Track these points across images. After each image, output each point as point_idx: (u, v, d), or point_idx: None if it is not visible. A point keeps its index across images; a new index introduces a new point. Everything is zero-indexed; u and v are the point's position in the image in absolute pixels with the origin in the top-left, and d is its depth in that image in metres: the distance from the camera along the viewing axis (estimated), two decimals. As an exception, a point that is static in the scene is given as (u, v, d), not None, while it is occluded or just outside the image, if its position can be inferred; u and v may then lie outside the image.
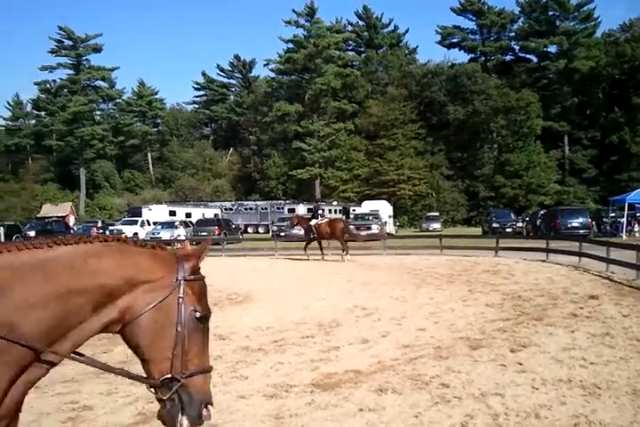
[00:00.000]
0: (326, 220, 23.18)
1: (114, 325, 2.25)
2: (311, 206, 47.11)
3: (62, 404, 5.13)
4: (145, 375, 2.30)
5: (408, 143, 61.33)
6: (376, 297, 10.97)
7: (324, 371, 6.04)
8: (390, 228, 39.28)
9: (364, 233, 29.42)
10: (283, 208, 48.27)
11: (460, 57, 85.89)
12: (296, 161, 64.46)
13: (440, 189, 60.14)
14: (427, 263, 17.67)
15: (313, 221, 22.70)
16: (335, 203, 53.13)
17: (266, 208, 50.87)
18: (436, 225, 45.25)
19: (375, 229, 33.31)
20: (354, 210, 46.75)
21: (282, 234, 34.30)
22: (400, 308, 9.78)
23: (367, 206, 42.34)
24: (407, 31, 74.71)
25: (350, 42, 72.25)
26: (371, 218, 36.10)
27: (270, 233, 40.13)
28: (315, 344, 7.30)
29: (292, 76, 68.50)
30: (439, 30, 70.38)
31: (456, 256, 19.53)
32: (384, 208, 41.29)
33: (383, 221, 36.96)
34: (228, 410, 4.87)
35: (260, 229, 49.09)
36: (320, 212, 25.53)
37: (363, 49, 73.63)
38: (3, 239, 29.13)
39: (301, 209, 45.20)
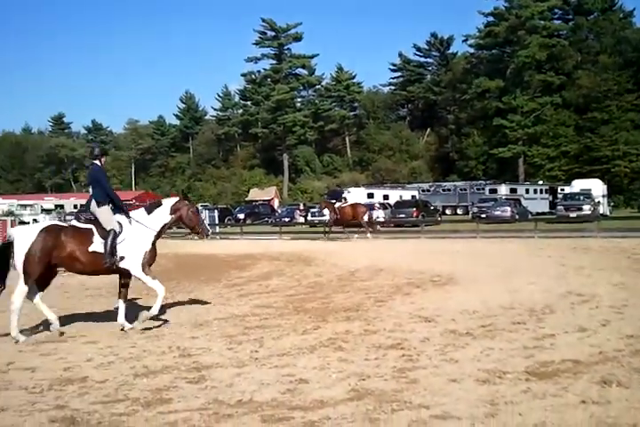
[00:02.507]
0: (349, 204, 25.11)
1: None
2: (514, 186, 45.27)
3: (280, 376, 5.37)
4: None
5: (624, 116, 55.93)
6: (592, 283, 10.13)
7: (539, 359, 5.68)
8: (604, 208, 36.35)
9: (573, 214, 27.66)
10: (483, 189, 46.76)
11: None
12: (497, 139, 62.10)
13: (663, 166, 54.21)
14: (648, 247, 16.01)
15: (337, 204, 24.82)
16: (541, 182, 50.33)
17: (465, 189, 49.65)
18: (658, 205, 40.98)
19: (587, 209, 31.12)
20: (562, 189, 43.94)
21: (483, 215, 33.28)
22: (620, 295, 8.92)
23: (577, 185, 39.48)
24: (623, -7, 67.90)
25: (556, 10, 67.31)
26: (582, 198, 33.69)
27: (470, 215, 39.16)
28: (527, 331, 6.90)
29: (493, 51, 65.98)
30: (661, -12, 63.08)
31: (684, 240, 17.48)
32: (596, 187, 38.20)
33: (596, 200, 34.35)
34: (441, 393, 4.77)
35: (459, 211, 48.08)
36: (343, 195, 27.20)
37: (570, 16, 68.21)
38: (217, 221, 31.64)
39: (504, 190, 43.48)
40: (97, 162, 8.06)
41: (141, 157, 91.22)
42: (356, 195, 43.10)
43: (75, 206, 56.90)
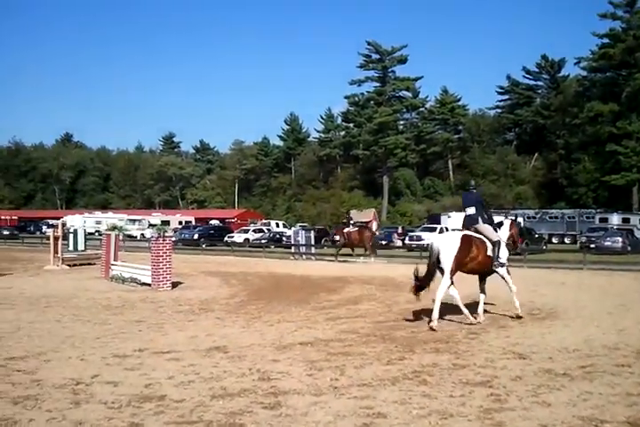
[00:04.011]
0: (356, 229, 27.59)
1: None
2: (627, 216, 42.79)
3: (358, 408, 5.15)
4: None
5: None
6: None
7: (644, 409, 5.15)
8: None
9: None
10: (593, 217, 44.48)
11: None
12: (610, 165, 59.07)
13: None
14: None
15: (345, 229, 27.67)
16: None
17: (573, 217, 47.40)
18: None
19: None
20: (679, 221, 41.05)
21: (591, 246, 31.53)
22: None
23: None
24: None
25: (678, 30, 63.73)
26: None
27: (578, 244, 37.24)
28: (631, 375, 6.32)
29: (607, 74, 63.25)
30: None
31: None
32: None
33: None
34: (528, 440, 4.40)
35: (567, 240, 45.89)
36: (352, 222, 29.53)
37: (694, 36, 64.26)
38: (313, 242, 31.75)
39: (615, 219, 41.15)
40: (475, 191, 10.66)
41: (245, 176, 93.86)
42: (456, 220, 42.18)
43: (180, 222, 59.50)
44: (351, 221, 29.64)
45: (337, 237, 29.35)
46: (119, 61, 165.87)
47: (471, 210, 10.17)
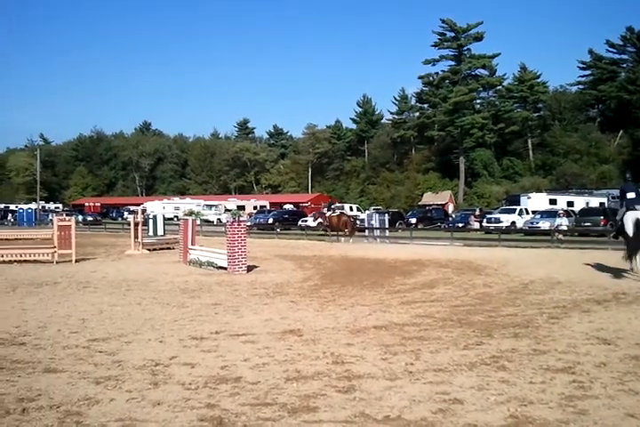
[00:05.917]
0: (336, 213, 30.29)
1: None
2: None
3: (433, 393, 5.06)
4: None
5: None
6: None
7: None
8: None
9: None
10: (684, 196, 42.00)
11: None
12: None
13: None
14: None
15: (327, 213, 30.32)
16: None
17: (661, 197, 45.00)
18: None
19: None
20: None
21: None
22: None
23: None
24: None
25: None
26: None
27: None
28: None
29: (699, 44, 59.26)
30: None
31: None
32: None
33: None
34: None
35: (655, 220, 43.66)
36: (333, 207, 33.11)
37: None
38: (387, 225, 31.48)
39: None
40: (631, 182, 13.95)
41: (318, 160, 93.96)
42: (536, 201, 40.90)
43: (254, 207, 60.42)
44: (332, 206, 33.17)
45: (320, 220, 31.81)
46: (198, 47, 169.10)
47: (632, 195, 13.27)
